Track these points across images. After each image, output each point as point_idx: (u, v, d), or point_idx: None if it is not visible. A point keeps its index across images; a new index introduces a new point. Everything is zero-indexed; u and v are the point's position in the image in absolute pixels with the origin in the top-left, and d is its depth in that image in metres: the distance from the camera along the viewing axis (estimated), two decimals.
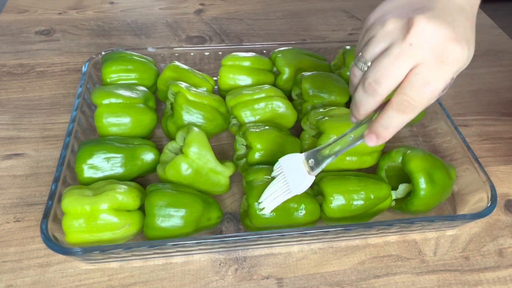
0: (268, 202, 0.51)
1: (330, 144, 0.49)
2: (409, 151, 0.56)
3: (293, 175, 0.51)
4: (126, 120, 0.61)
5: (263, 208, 0.52)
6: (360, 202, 0.54)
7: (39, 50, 0.86)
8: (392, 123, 0.41)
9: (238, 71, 0.70)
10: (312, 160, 0.50)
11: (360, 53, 0.41)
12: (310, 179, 0.50)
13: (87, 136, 0.63)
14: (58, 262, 0.52)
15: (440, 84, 0.38)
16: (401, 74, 0.38)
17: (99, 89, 0.63)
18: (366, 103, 0.41)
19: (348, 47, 0.74)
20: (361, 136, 0.45)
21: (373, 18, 0.41)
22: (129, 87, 0.65)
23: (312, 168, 0.50)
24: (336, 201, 0.53)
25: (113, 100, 0.61)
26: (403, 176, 0.57)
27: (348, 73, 0.73)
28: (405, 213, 0.58)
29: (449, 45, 0.37)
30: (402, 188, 0.58)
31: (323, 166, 0.49)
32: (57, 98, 0.75)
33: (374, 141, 0.43)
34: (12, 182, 0.61)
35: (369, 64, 0.41)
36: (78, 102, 0.64)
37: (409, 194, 0.56)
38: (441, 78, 0.38)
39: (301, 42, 0.89)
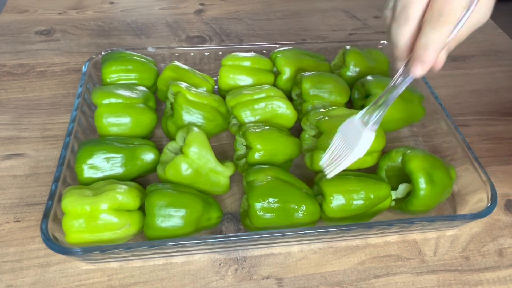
0: (332, 167, 0.50)
1: (382, 95, 0.48)
2: (409, 151, 0.56)
3: (352, 137, 0.49)
4: (126, 120, 0.61)
5: (327, 174, 0.51)
6: (360, 202, 0.54)
7: (39, 50, 0.86)
8: (431, 39, 0.41)
9: (238, 71, 0.70)
10: (367, 116, 0.49)
11: None
12: (368, 135, 0.48)
13: (87, 136, 0.63)
14: (58, 262, 0.52)
15: None
16: None
17: (99, 89, 0.63)
18: (401, 33, 0.42)
19: (348, 47, 0.74)
20: (408, 72, 0.44)
21: None
22: (129, 87, 0.65)
23: (368, 123, 0.48)
24: (336, 201, 0.53)
25: (113, 100, 0.61)
26: (403, 176, 0.57)
27: (348, 73, 0.73)
28: (405, 213, 0.58)
29: None
30: (402, 188, 0.58)
31: (379, 114, 0.48)
32: (57, 98, 0.75)
33: (420, 68, 0.42)
34: (12, 182, 0.61)
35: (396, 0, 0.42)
36: (78, 102, 0.64)
37: (409, 194, 0.56)
38: None
39: (301, 42, 0.89)
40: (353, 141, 0.49)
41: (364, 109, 0.50)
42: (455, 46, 0.45)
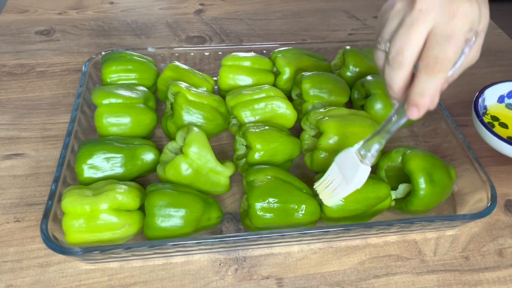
0: (327, 196, 0.53)
1: (378, 130, 0.49)
2: (408, 151, 0.56)
3: (349, 169, 0.51)
4: (126, 120, 0.61)
5: (323, 201, 0.53)
6: (360, 202, 0.54)
7: (39, 50, 0.86)
8: (426, 87, 0.42)
9: (238, 71, 0.70)
10: (363, 151, 0.50)
11: (379, 37, 0.44)
12: (364, 169, 0.50)
13: (87, 136, 0.63)
14: (58, 262, 0.52)
15: (459, 35, 0.40)
16: (420, 39, 0.40)
17: (99, 89, 0.63)
18: (396, 77, 0.43)
19: (348, 47, 0.74)
20: (404, 114, 0.46)
21: (384, 8, 0.45)
22: (129, 87, 0.65)
23: (364, 158, 0.50)
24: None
25: (113, 100, 0.61)
26: (403, 176, 0.57)
27: (348, 73, 0.73)
28: (405, 213, 0.58)
29: (455, 1, 0.39)
30: (402, 188, 0.58)
31: (374, 152, 0.50)
32: (57, 98, 0.75)
33: (415, 112, 0.44)
34: (12, 182, 0.61)
35: (388, 44, 0.43)
36: (78, 102, 0.64)
37: (409, 194, 0.56)
38: (459, 30, 0.39)
39: (301, 42, 0.89)
40: (349, 174, 0.51)
41: (361, 143, 0.51)
42: (447, 86, 0.45)
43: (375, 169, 0.62)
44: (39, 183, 0.61)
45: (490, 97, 0.59)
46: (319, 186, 0.54)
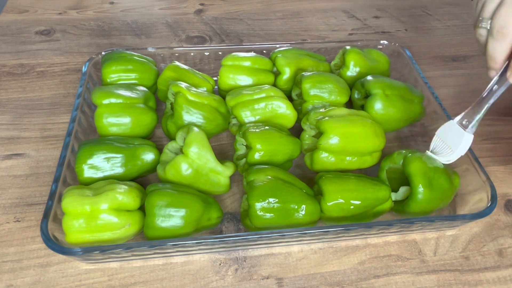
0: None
1: (478, 101, 0.55)
2: (410, 154, 0.56)
3: (452, 139, 0.56)
4: (126, 120, 0.61)
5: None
6: (359, 202, 0.54)
7: (39, 50, 0.86)
8: None
9: (238, 71, 0.70)
10: (465, 120, 0.56)
11: (480, 17, 0.51)
12: (468, 136, 0.55)
13: (87, 136, 0.63)
14: (58, 262, 0.52)
15: None
16: None
17: (99, 89, 0.63)
18: (499, 48, 0.50)
19: (348, 47, 0.74)
20: (504, 81, 0.52)
21: None
22: (129, 87, 0.65)
23: (467, 126, 0.56)
24: (334, 199, 0.53)
25: (113, 100, 0.61)
26: (405, 178, 0.57)
27: (348, 73, 0.73)
28: (402, 215, 0.58)
29: None
30: (403, 190, 0.58)
31: (475, 122, 0.55)
32: (57, 98, 0.75)
33: None
34: (12, 182, 0.61)
35: (489, 21, 0.50)
36: (78, 102, 0.64)
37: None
38: None
39: (301, 42, 0.89)
40: (454, 143, 0.56)
41: (462, 114, 0.57)
42: None
43: (376, 169, 0.62)
44: (39, 183, 0.61)
45: None
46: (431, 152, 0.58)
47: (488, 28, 0.51)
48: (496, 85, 0.53)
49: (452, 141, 0.56)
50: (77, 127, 0.61)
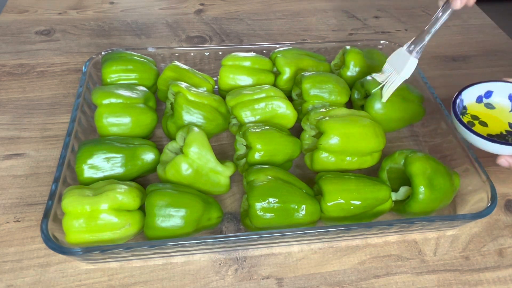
0: (384, 91, 0.63)
1: (425, 30, 0.60)
2: (411, 154, 0.56)
3: (399, 63, 0.62)
4: (126, 120, 0.61)
5: (382, 97, 0.63)
6: (359, 202, 0.54)
7: (39, 50, 0.86)
8: None
9: (238, 71, 0.70)
10: (412, 46, 0.61)
11: None
12: (413, 60, 0.61)
13: (87, 136, 0.63)
14: (58, 262, 0.52)
15: None
16: None
17: (99, 89, 0.63)
18: None
19: (348, 47, 0.74)
20: (448, 8, 0.57)
21: None
22: (129, 87, 0.65)
23: (412, 52, 0.61)
24: (334, 199, 0.53)
25: (113, 100, 0.61)
26: (406, 178, 0.57)
27: (348, 73, 0.73)
28: (402, 215, 0.58)
29: None
30: (403, 190, 0.58)
31: (423, 44, 0.60)
32: (57, 98, 0.75)
33: (459, 2, 0.55)
34: (12, 182, 0.61)
35: None
36: (78, 102, 0.64)
37: (409, 197, 0.56)
38: None
39: (301, 42, 0.89)
40: (400, 66, 0.62)
41: (410, 41, 0.62)
42: None
43: (377, 170, 0.62)
44: (39, 183, 0.61)
45: (469, 97, 0.62)
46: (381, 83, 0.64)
47: None
48: (440, 13, 0.58)
49: (399, 65, 0.62)
50: (77, 127, 0.61)
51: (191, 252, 0.53)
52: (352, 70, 0.73)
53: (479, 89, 0.63)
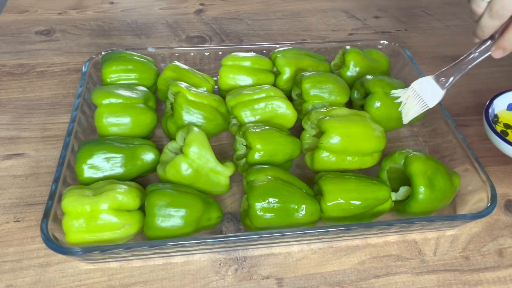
0: (406, 113, 0.64)
1: (457, 63, 0.60)
2: (411, 154, 0.56)
3: (426, 91, 0.62)
4: (126, 120, 0.61)
5: (403, 117, 0.64)
6: (359, 202, 0.54)
7: (39, 50, 0.86)
8: None
9: (238, 71, 0.70)
10: (442, 78, 0.61)
11: None
12: (441, 93, 0.61)
13: (87, 136, 0.63)
14: (58, 262, 0.52)
15: None
16: None
17: (99, 89, 0.63)
18: (491, 25, 0.54)
19: (348, 47, 0.74)
20: (486, 51, 0.58)
21: None
22: (129, 87, 0.65)
23: (443, 85, 0.61)
24: (334, 199, 0.53)
25: (113, 100, 0.61)
26: (406, 178, 0.57)
27: (348, 73, 0.73)
28: (402, 215, 0.58)
29: None
30: (403, 190, 0.57)
31: (453, 80, 0.60)
32: (57, 98, 0.75)
33: (500, 54, 0.57)
34: (12, 182, 0.61)
35: None
36: (78, 102, 0.64)
37: (409, 197, 0.56)
38: None
39: (301, 42, 0.89)
40: (428, 96, 0.61)
41: (439, 72, 0.62)
42: None
43: (376, 170, 0.62)
44: (39, 183, 0.61)
45: (500, 105, 0.63)
46: (404, 111, 0.64)
47: (487, 1, 0.53)
48: (477, 53, 0.59)
49: (426, 95, 0.62)
50: (77, 127, 0.61)
51: (191, 252, 0.53)
52: (352, 70, 0.73)
53: (509, 97, 0.65)
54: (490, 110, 0.62)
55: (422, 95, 0.62)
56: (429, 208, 0.55)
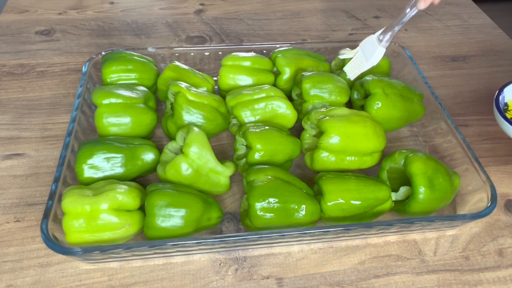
0: (350, 70, 0.70)
1: (394, 22, 0.66)
2: (411, 154, 0.56)
3: (368, 50, 0.68)
4: (126, 120, 0.61)
5: (349, 76, 0.70)
6: (359, 202, 0.54)
7: (39, 50, 0.86)
8: None
9: (238, 71, 0.70)
10: (382, 35, 0.67)
11: None
12: (381, 50, 0.67)
13: (87, 136, 0.63)
14: (58, 262, 0.52)
15: None
16: None
17: (99, 89, 0.63)
18: None
19: (348, 48, 0.74)
20: (415, 4, 0.64)
21: None
22: (129, 87, 0.65)
23: (382, 41, 0.67)
24: (334, 199, 0.53)
25: (113, 100, 0.61)
26: (406, 178, 0.57)
27: None
28: (402, 215, 0.58)
29: None
30: (403, 190, 0.57)
31: (389, 38, 0.67)
32: (57, 98, 0.75)
33: (423, 3, 0.63)
34: (12, 182, 0.61)
35: None
36: (78, 102, 0.64)
37: (409, 197, 0.56)
38: None
39: (301, 42, 0.89)
40: (369, 53, 0.67)
41: (381, 30, 0.67)
42: None
43: (376, 170, 0.62)
44: (39, 183, 0.61)
45: (509, 94, 0.63)
46: (348, 66, 0.70)
47: None
48: (407, 9, 0.65)
49: (368, 52, 0.67)
50: (77, 127, 0.61)
51: (191, 252, 0.53)
52: None
53: None
54: (500, 98, 0.62)
55: (366, 54, 0.68)
56: (429, 208, 0.55)
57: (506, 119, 0.60)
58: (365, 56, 0.68)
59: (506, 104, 0.64)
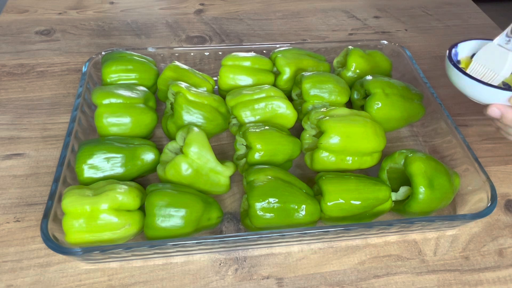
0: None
1: None
2: (411, 154, 0.56)
3: (494, 61, 0.54)
4: (126, 120, 0.61)
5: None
6: (358, 202, 0.54)
7: (39, 50, 0.86)
8: None
9: (238, 71, 0.70)
10: (507, 39, 0.54)
11: None
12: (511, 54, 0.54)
13: (87, 136, 0.63)
14: (58, 262, 0.52)
15: None
16: None
17: (99, 89, 0.63)
18: None
19: (350, 47, 0.74)
20: None
21: None
22: (129, 87, 0.65)
23: (509, 44, 0.54)
24: (334, 199, 0.53)
25: (113, 100, 0.61)
26: (406, 178, 0.57)
27: (349, 74, 0.73)
28: (402, 215, 0.58)
29: None
30: (403, 190, 0.57)
31: None
32: (57, 98, 0.75)
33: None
34: (12, 182, 0.61)
35: None
36: (78, 102, 0.64)
37: (409, 197, 0.56)
38: None
39: (301, 42, 0.89)
40: (496, 65, 0.54)
41: (501, 34, 0.55)
42: None
43: (376, 170, 0.62)
44: (39, 183, 0.61)
45: (463, 51, 0.59)
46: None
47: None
48: None
49: (494, 64, 0.54)
50: (77, 127, 0.61)
51: (191, 252, 0.53)
52: (353, 70, 0.72)
53: (475, 45, 0.59)
54: (453, 52, 0.57)
55: (492, 67, 0.55)
56: (429, 208, 0.55)
57: (457, 68, 0.55)
58: (490, 69, 0.55)
59: (458, 62, 0.59)
